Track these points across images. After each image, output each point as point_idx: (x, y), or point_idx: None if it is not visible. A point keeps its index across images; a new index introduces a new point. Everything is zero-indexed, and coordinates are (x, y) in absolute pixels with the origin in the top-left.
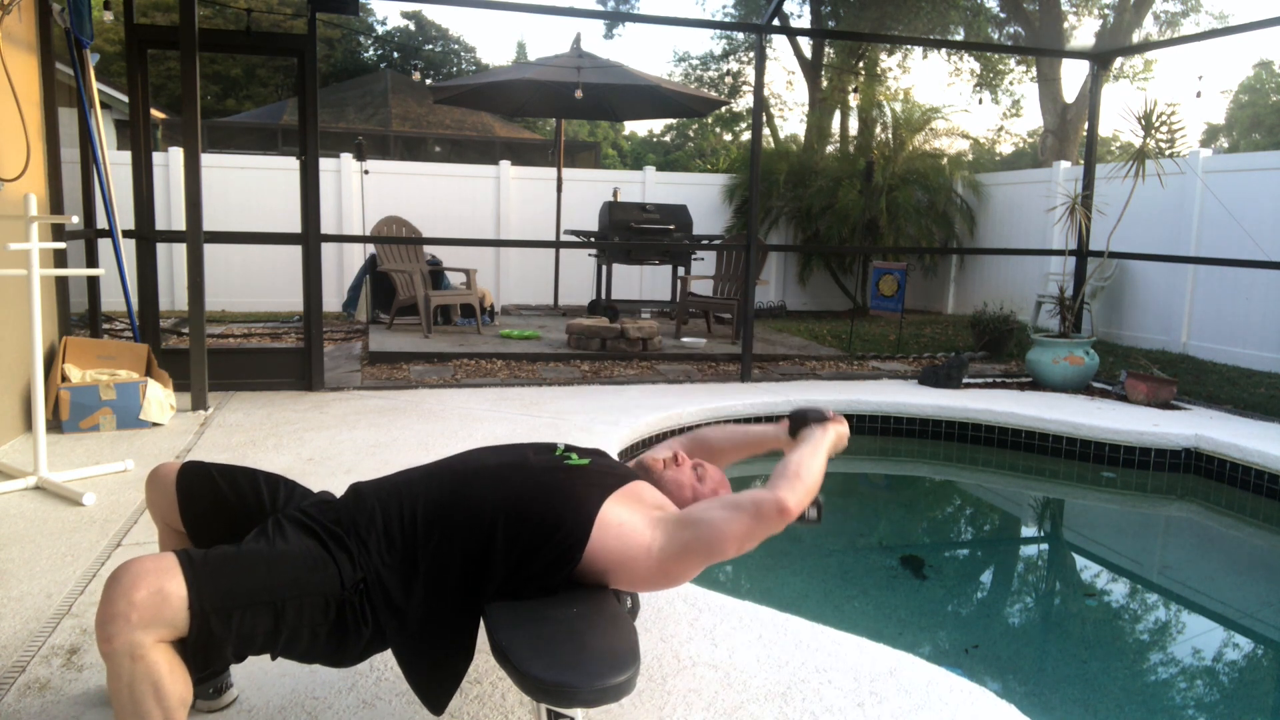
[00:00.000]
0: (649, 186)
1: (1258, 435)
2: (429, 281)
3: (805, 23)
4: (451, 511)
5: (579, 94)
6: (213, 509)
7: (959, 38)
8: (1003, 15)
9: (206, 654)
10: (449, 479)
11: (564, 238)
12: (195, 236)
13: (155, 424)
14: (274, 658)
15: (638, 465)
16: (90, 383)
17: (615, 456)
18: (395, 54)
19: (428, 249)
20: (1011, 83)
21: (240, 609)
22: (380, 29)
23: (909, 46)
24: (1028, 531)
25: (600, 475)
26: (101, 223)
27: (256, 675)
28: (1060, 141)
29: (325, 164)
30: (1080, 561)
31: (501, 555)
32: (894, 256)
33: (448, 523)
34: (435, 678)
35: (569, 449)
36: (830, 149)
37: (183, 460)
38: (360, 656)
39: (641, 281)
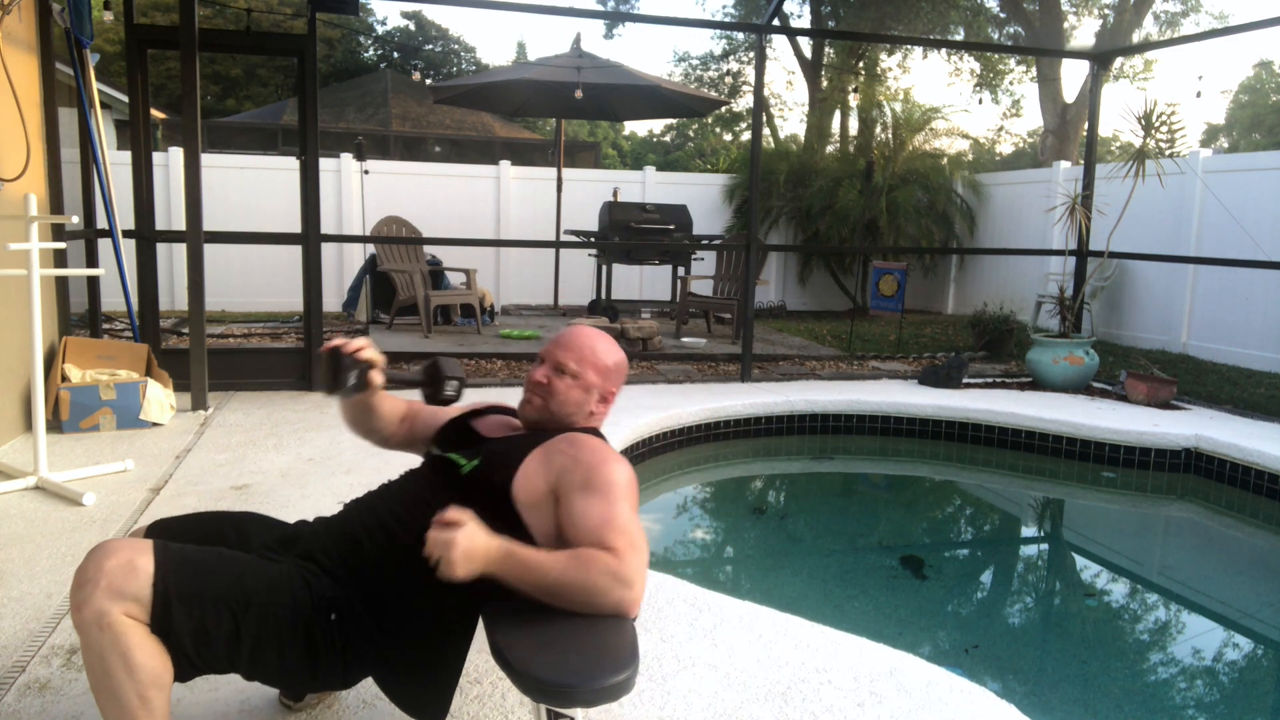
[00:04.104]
0: (649, 186)
1: (1258, 435)
2: (429, 281)
3: (805, 23)
4: (388, 552)
5: (579, 94)
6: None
7: (959, 38)
8: (1003, 15)
9: (165, 641)
10: (384, 515)
11: (564, 238)
12: (195, 236)
13: (155, 424)
14: (248, 677)
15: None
16: (90, 383)
17: None
18: (395, 54)
19: (428, 249)
20: (1011, 83)
21: (204, 602)
22: (380, 29)
23: (909, 46)
24: (1028, 531)
25: (487, 478)
26: (101, 223)
27: None
28: (1060, 141)
29: (325, 164)
30: (1080, 561)
31: (436, 587)
32: (894, 256)
33: (396, 560)
34: (425, 701)
35: (462, 450)
36: (830, 149)
37: (149, 520)
38: (344, 683)
39: (641, 281)
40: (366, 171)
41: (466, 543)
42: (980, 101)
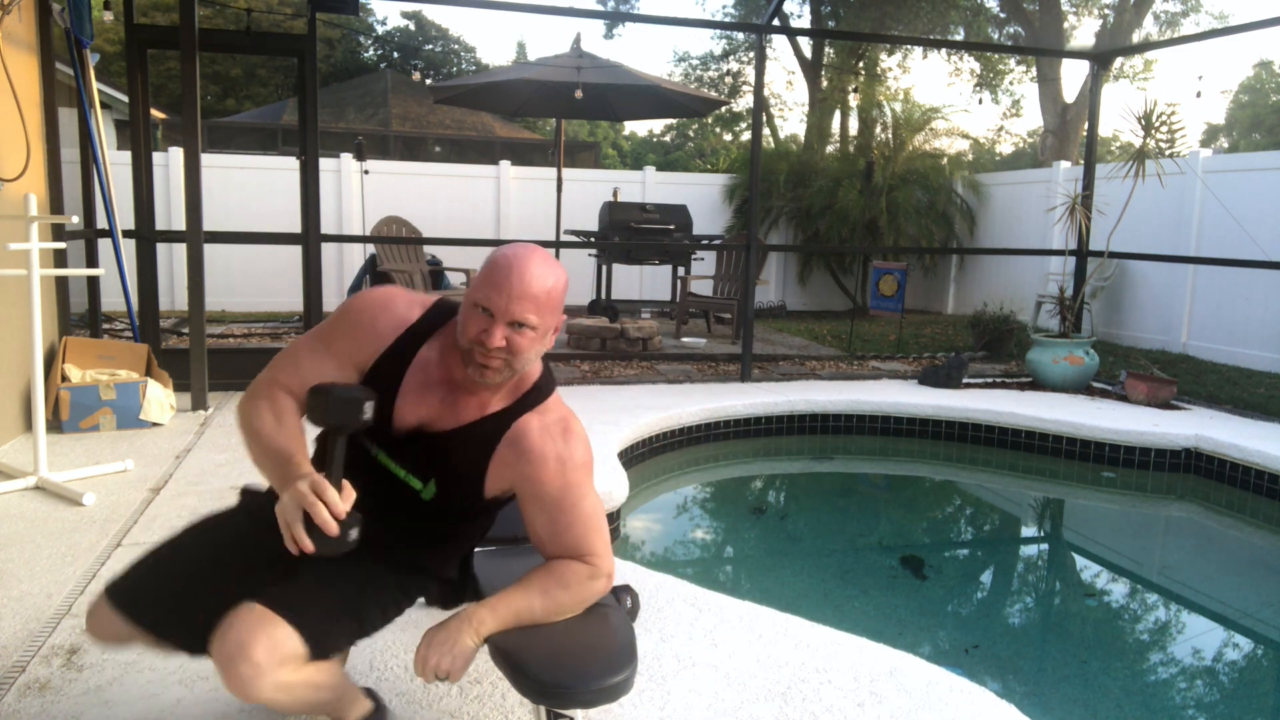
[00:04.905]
0: (649, 186)
1: (1258, 435)
2: (429, 281)
3: (805, 23)
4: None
5: (579, 94)
6: (172, 599)
7: (959, 38)
8: (1003, 15)
9: (324, 656)
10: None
11: (564, 238)
12: (195, 236)
13: (155, 424)
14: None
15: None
16: (90, 383)
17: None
18: (395, 54)
19: (428, 249)
20: (1011, 83)
21: (340, 622)
22: (380, 29)
23: (909, 46)
24: (1028, 531)
25: (448, 502)
26: (101, 223)
27: None
28: (1060, 141)
29: (325, 164)
30: (1080, 561)
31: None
32: (894, 256)
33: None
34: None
35: (415, 471)
36: (830, 149)
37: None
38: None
39: (641, 281)
40: (366, 171)
41: (443, 653)
42: (980, 101)
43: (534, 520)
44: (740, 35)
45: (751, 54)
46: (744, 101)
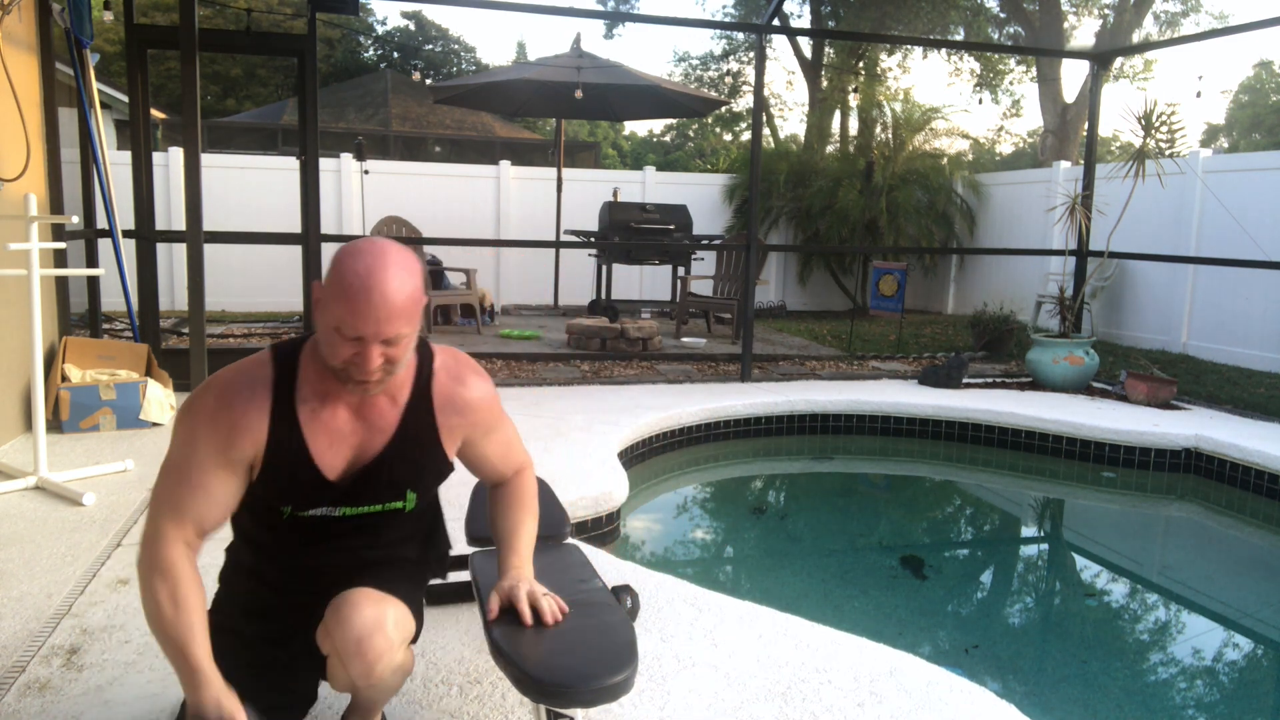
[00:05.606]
0: (649, 186)
1: (1258, 435)
2: (429, 281)
3: (805, 23)
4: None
5: (579, 94)
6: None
7: (959, 38)
8: (1003, 15)
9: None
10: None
11: (564, 238)
12: (195, 236)
13: (155, 424)
14: None
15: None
16: (90, 383)
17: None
18: (395, 54)
19: (428, 249)
20: (1011, 83)
21: (417, 614)
22: (380, 29)
23: (909, 46)
24: (1028, 531)
25: (426, 496)
26: (101, 223)
27: None
28: (1060, 141)
29: (325, 164)
30: (1080, 561)
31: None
32: (894, 256)
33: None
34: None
35: (389, 495)
36: (830, 149)
37: None
38: None
39: (641, 281)
40: (366, 171)
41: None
42: (980, 101)
43: (490, 450)
44: (740, 35)
45: (751, 54)
46: (744, 101)
